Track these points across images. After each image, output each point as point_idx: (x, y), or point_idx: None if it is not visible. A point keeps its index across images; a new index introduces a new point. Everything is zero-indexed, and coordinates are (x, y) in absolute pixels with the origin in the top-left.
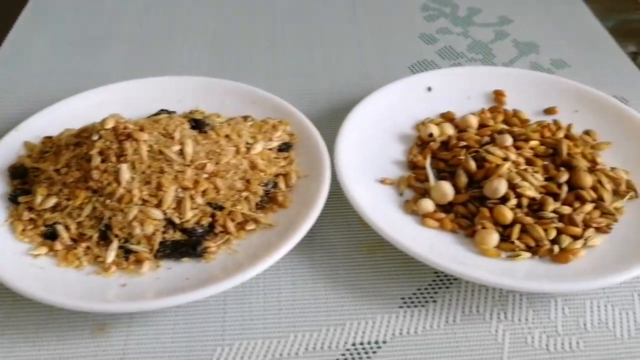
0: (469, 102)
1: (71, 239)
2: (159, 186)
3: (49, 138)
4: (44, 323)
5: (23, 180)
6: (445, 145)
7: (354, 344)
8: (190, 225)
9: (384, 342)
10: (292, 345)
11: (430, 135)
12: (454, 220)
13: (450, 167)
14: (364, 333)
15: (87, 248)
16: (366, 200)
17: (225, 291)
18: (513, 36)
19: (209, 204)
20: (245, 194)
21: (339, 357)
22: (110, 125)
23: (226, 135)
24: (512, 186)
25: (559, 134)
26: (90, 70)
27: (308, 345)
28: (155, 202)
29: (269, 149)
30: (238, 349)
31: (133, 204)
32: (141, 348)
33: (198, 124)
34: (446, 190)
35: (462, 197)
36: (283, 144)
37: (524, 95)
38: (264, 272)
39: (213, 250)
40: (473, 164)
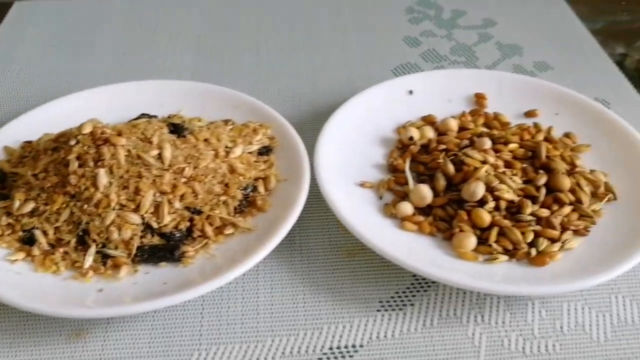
0: (450, 105)
1: (49, 244)
2: (137, 191)
3: (29, 143)
4: (21, 329)
5: (2, 185)
6: (425, 148)
7: (331, 348)
8: (168, 230)
9: (360, 346)
10: (269, 350)
11: (411, 138)
12: (432, 223)
13: (430, 171)
14: (341, 337)
15: (65, 253)
16: (345, 204)
17: (203, 296)
18: (497, 38)
19: (187, 208)
20: (223, 198)
21: None
22: (87, 130)
23: (205, 140)
24: (490, 189)
25: (538, 136)
26: (74, 74)
27: (285, 349)
28: (133, 207)
29: (249, 153)
30: (215, 354)
31: (111, 209)
32: (118, 353)
33: (177, 128)
34: (425, 193)
35: (441, 200)
36: (263, 147)
37: (505, 98)
38: (243, 277)
39: (191, 254)
40: (451, 167)
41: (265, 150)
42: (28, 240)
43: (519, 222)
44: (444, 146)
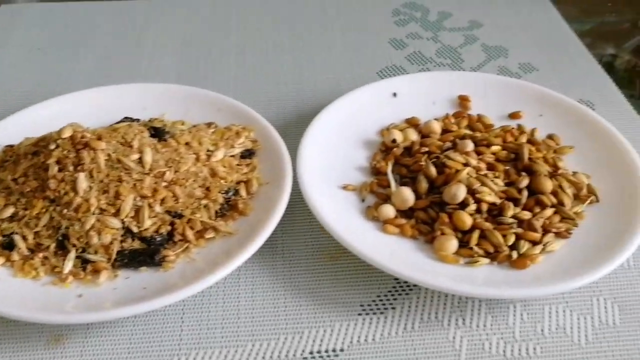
0: (434, 108)
1: (28, 249)
2: (117, 195)
3: (11, 147)
4: (0, 334)
5: None
6: (408, 151)
7: (312, 352)
8: (149, 234)
9: (341, 350)
10: (250, 355)
11: (394, 141)
12: (414, 226)
13: (412, 173)
14: (321, 341)
15: (45, 258)
16: (327, 207)
17: (184, 300)
18: (482, 40)
19: (168, 212)
20: (204, 201)
21: None
22: (67, 134)
23: (186, 143)
24: (472, 191)
25: (521, 138)
26: (58, 78)
27: (265, 354)
28: (113, 211)
29: (231, 156)
30: (195, 359)
31: (90, 213)
32: (97, 358)
33: (158, 132)
34: (406, 196)
35: (423, 203)
36: (246, 150)
37: (489, 100)
38: (224, 281)
39: (171, 258)
40: (433, 170)
41: (247, 154)
42: (7, 245)
43: (500, 225)
44: (426, 149)
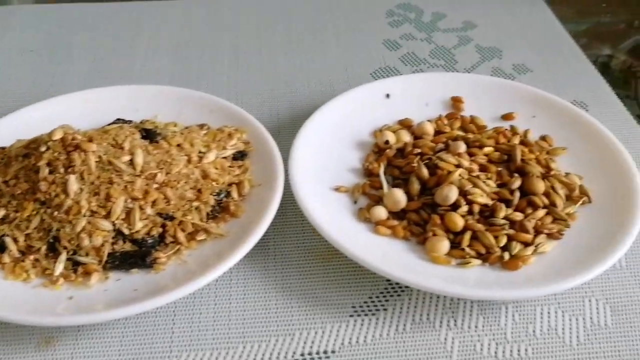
0: (427, 109)
1: (19, 252)
2: (108, 197)
3: (2, 149)
4: None
5: None
6: (401, 152)
7: (303, 354)
8: (140, 236)
9: (332, 352)
10: (241, 357)
11: (387, 142)
12: (406, 228)
13: (405, 175)
14: (313, 343)
15: (36, 260)
16: (319, 209)
17: (175, 302)
18: (476, 41)
19: (160, 214)
20: (196, 203)
21: None
22: (58, 137)
23: (178, 145)
24: (464, 193)
25: (514, 139)
26: (51, 80)
27: (256, 356)
28: (104, 213)
29: (223, 158)
30: None
31: (81, 215)
32: None
33: (149, 134)
34: (398, 197)
35: (415, 204)
36: (238, 152)
37: (483, 101)
38: (215, 283)
39: (163, 260)
40: (425, 171)
41: (240, 155)
42: None
43: (492, 226)
44: (419, 150)
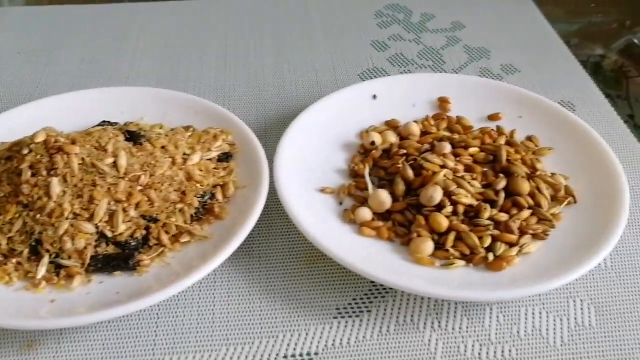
0: (414, 110)
1: (1, 255)
2: (91, 199)
3: None
4: None
5: None
6: (387, 153)
7: (286, 356)
8: (123, 238)
9: (315, 354)
10: (223, 359)
11: (372, 143)
12: (391, 229)
13: (390, 175)
14: (296, 345)
15: (18, 264)
16: (303, 211)
17: (158, 305)
18: (464, 42)
19: (143, 216)
20: (180, 205)
21: None
22: (40, 139)
23: (162, 147)
24: (448, 193)
25: (500, 140)
26: (39, 82)
27: (239, 358)
28: (87, 216)
29: (208, 159)
30: None
31: (64, 218)
32: None
33: (133, 136)
34: (383, 198)
35: (400, 205)
36: (223, 154)
37: (469, 102)
38: (199, 285)
39: (146, 263)
40: (410, 172)
41: (225, 157)
42: None
43: (476, 227)
44: (404, 151)
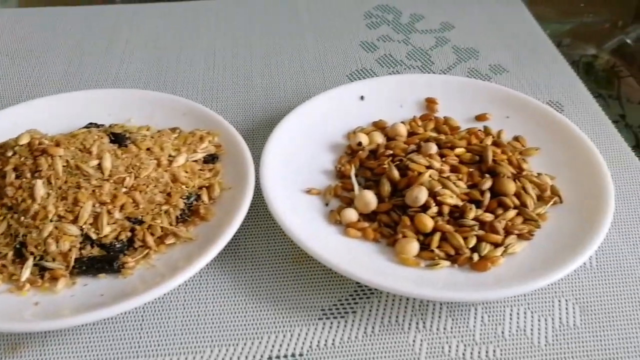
0: (401, 110)
1: None
2: (76, 201)
3: None
4: None
5: None
6: (374, 154)
7: (270, 357)
8: (108, 241)
9: (300, 355)
10: None
11: (359, 144)
12: (377, 230)
13: (376, 176)
14: (281, 346)
15: (2, 266)
16: (289, 212)
17: (144, 307)
18: (453, 42)
19: (128, 218)
20: (165, 207)
21: None
22: (24, 141)
23: (148, 149)
24: (433, 194)
25: (487, 140)
26: (26, 84)
27: (224, 359)
28: (71, 218)
29: (194, 161)
30: None
31: (48, 220)
32: None
33: (118, 138)
34: (369, 199)
35: (385, 206)
36: (209, 155)
37: (457, 102)
38: (185, 287)
39: (131, 265)
40: (396, 173)
41: (211, 158)
42: None
43: (461, 227)
44: (391, 151)
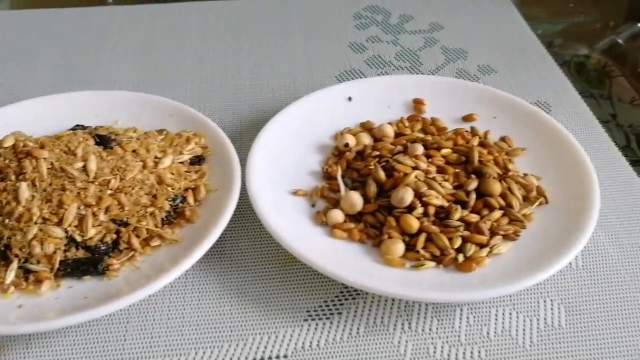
0: (389, 111)
1: None
2: (60, 204)
3: None
4: None
5: None
6: (361, 155)
7: (255, 359)
8: (93, 243)
9: (285, 357)
10: None
11: (346, 145)
12: (363, 230)
13: (363, 177)
14: (265, 348)
15: None
16: (274, 213)
17: (128, 309)
18: (442, 43)
19: (114, 220)
20: (151, 209)
21: None
22: (9, 144)
23: (133, 150)
24: (419, 195)
25: (473, 141)
26: (14, 86)
27: None
28: (56, 220)
29: (180, 163)
30: None
31: (32, 223)
32: None
33: (103, 140)
34: (355, 200)
35: (371, 207)
36: (195, 157)
37: (444, 103)
38: (170, 289)
39: (116, 267)
40: (382, 174)
41: (197, 160)
42: None
43: (447, 228)
44: (377, 152)
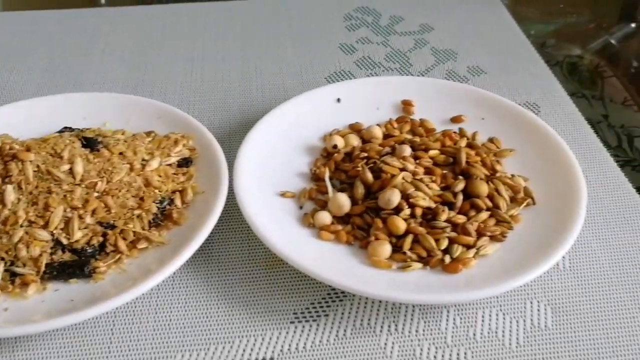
0: (378, 113)
1: None
2: (47, 206)
3: None
4: None
5: None
6: (349, 156)
7: None
8: (80, 246)
9: (271, 359)
10: None
11: (335, 146)
12: (350, 232)
13: (351, 179)
14: (252, 350)
15: None
16: (261, 215)
17: (115, 312)
18: (432, 44)
19: (100, 223)
20: (138, 212)
21: None
22: None
23: (120, 153)
24: (406, 196)
25: (461, 142)
26: (4, 87)
27: None
28: (42, 223)
29: (168, 165)
30: None
31: (18, 226)
32: None
33: (89, 142)
34: (342, 202)
35: (359, 209)
36: (183, 159)
37: (433, 104)
38: (157, 291)
39: (102, 270)
40: (370, 175)
41: (185, 162)
42: None
43: (434, 229)
44: (365, 154)
